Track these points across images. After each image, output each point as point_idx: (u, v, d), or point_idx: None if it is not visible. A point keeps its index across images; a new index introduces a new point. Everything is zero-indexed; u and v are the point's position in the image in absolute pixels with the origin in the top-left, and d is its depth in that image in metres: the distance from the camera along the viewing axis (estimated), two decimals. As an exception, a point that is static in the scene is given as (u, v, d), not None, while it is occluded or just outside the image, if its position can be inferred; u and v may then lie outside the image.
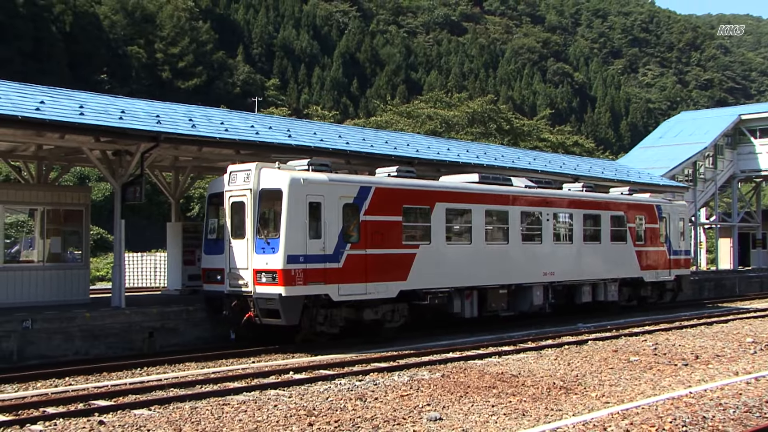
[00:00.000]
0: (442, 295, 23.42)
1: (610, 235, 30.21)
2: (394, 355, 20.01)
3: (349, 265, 20.78)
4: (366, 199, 21.50)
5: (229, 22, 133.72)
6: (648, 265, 32.08)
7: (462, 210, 24.70)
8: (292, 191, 19.79)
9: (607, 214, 30.21)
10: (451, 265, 23.81)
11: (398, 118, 73.46)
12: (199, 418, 13.11)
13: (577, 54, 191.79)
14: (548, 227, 27.48)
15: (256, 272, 19.93)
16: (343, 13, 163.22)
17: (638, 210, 31.91)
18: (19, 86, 22.32)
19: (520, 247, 26.30)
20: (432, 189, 23.90)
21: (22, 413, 13.52)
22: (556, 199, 28.18)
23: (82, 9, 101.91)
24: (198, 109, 27.38)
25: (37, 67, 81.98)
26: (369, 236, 21.43)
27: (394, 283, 22.02)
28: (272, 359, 19.36)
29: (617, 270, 30.69)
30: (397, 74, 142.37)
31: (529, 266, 26.58)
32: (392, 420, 12.90)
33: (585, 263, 29.04)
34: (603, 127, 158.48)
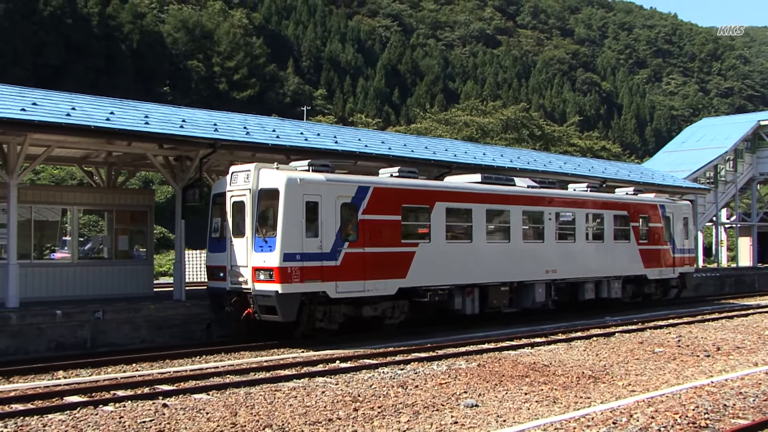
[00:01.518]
0: (442, 293, 22.58)
1: (613, 234, 29.21)
2: (433, 345, 19.98)
3: (347, 263, 20.06)
4: (364, 198, 20.74)
5: (280, 38, 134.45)
6: (651, 263, 30.98)
7: (462, 209, 23.77)
8: (289, 191, 19.17)
9: (610, 214, 29.21)
10: (452, 263, 22.95)
11: (437, 125, 73.34)
12: (253, 402, 13.19)
13: (605, 64, 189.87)
14: (550, 226, 26.45)
15: (255, 270, 19.35)
16: (386, 27, 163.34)
17: (642, 209, 30.88)
18: (91, 99, 22.67)
19: (521, 246, 25.34)
20: (432, 189, 23.03)
21: (95, 395, 13.75)
22: (558, 198, 27.24)
23: (148, 28, 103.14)
24: (252, 117, 27.57)
25: (108, 81, 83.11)
26: (367, 235, 20.68)
27: (393, 280, 21.22)
28: (320, 349, 19.41)
29: (620, 268, 29.57)
30: (435, 84, 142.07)
31: (531, 264, 25.60)
32: (431, 406, 12.89)
33: (588, 261, 28.03)
34: (629, 133, 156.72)
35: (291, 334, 20.16)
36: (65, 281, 22.85)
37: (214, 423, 11.64)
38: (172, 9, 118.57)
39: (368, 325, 21.63)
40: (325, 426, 11.53)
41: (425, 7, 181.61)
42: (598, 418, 11.80)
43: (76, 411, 12.53)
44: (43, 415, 12.23)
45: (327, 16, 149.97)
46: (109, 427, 11.38)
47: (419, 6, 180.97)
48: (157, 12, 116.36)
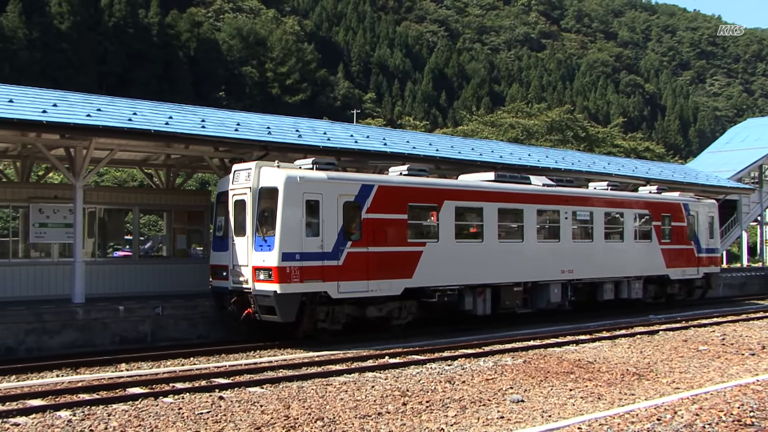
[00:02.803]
0: (452, 293, 21.40)
1: (633, 234, 27.61)
2: (480, 342, 19.88)
3: (350, 262, 19.06)
4: (368, 197, 19.72)
5: (330, 44, 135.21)
6: (674, 263, 29.24)
7: (473, 208, 22.57)
8: (288, 189, 18.23)
9: (630, 213, 27.65)
10: (462, 263, 21.71)
11: (483, 127, 73.02)
12: (305, 396, 13.26)
13: (648, 66, 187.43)
14: (567, 225, 25.01)
15: (255, 269, 18.47)
16: (433, 33, 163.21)
17: (664, 209, 29.15)
18: (152, 104, 23.02)
19: (535, 245, 24.00)
20: (439, 187, 21.79)
21: (155, 387, 13.94)
22: (575, 197, 25.73)
23: (205, 36, 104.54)
24: (303, 121, 27.71)
25: (167, 87, 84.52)
26: (371, 234, 19.65)
27: (398, 280, 20.13)
28: (370, 345, 19.42)
29: (641, 268, 27.90)
30: (481, 87, 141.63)
31: (546, 264, 24.19)
32: (478, 401, 12.82)
33: (606, 261, 26.45)
34: (672, 134, 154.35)
35: (293, 334, 19.21)
36: (127, 278, 23.23)
37: (268, 415, 11.72)
38: (227, 17, 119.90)
39: (374, 325, 20.62)
40: (375, 419, 11.55)
41: (471, 12, 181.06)
42: (643, 414, 11.62)
43: (138, 402, 12.74)
44: (108, 404, 12.46)
45: (376, 22, 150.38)
46: (168, 418, 11.54)
47: (465, 11, 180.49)
48: (214, 20, 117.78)
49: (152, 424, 11.19)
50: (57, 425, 11.13)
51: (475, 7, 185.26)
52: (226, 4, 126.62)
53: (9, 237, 22.52)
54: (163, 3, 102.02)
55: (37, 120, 18.30)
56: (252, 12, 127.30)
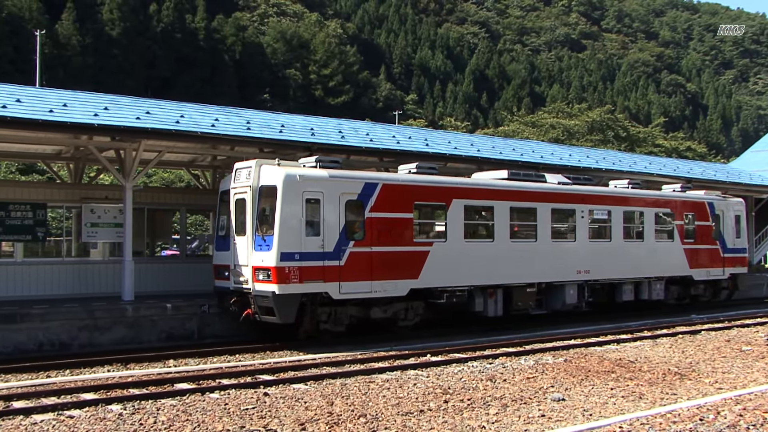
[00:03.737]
0: (461, 294, 20.51)
1: (654, 233, 26.34)
2: (521, 341, 19.75)
3: (353, 262, 18.32)
4: (372, 195, 18.92)
5: (372, 46, 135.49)
6: (698, 264, 27.77)
7: (483, 207, 21.68)
8: (287, 188, 17.56)
9: (651, 212, 26.33)
10: (471, 263, 20.80)
11: (524, 128, 72.59)
12: (348, 393, 13.29)
13: (690, 66, 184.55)
14: (583, 224, 23.90)
15: (255, 269, 17.85)
16: (474, 34, 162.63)
17: (687, 207, 27.75)
18: (198, 107, 23.29)
19: (550, 245, 22.91)
20: (448, 185, 20.83)
21: (202, 383, 14.09)
22: (592, 195, 24.52)
23: (250, 39, 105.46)
24: (346, 122, 27.81)
25: (213, 90, 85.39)
26: (375, 233, 18.86)
27: (403, 281, 19.31)
28: (411, 344, 19.40)
29: (663, 268, 26.56)
30: (522, 88, 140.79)
31: (561, 264, 23.11)
32: (519, 399, 12.74)
33: (625, 261, 25.18)
34: (715, 133, 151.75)
35: (295, 335, 18.65)
36: (174, 277, 23.49)
37: (312, 412, 11.77)
38: (271, 21, 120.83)
39: (380, 327, 19.98)
40: (417, 416, 11.53)
41: (512, 14, 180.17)
42: (685, 414, 11.44)
43: (185, 397, 12.88)
44: (157, 399, 12.63)
45: (417, 25, 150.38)
46: (215, 413, 11.66)
47: (506, 13, 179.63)
48: (258, 24, 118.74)
49: (199, 419, 11.31)
50: (109, 418, 11.31)
51: (516, 8, 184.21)
52: (270, 9, 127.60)
53: (63, 236, 22.95)
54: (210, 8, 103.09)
55: (89, 123, 18.68)
56: (295, 16, 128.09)
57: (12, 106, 18.08)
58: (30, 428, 10.78)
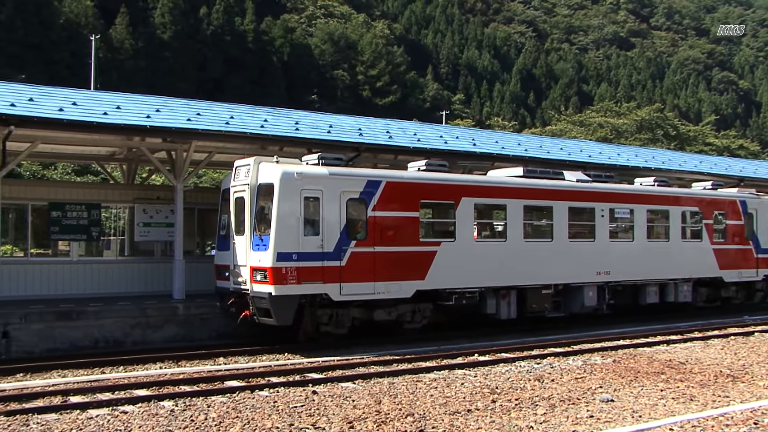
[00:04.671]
0: (471, 295, 19.68)
1: (680, 233, 25.06)
2: (569, 341, 19.56)
3: (354, 263, 17.60)
4: (375, 193, 18.15)
5: (419, 46, 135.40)
6: (729, 264, 26.27)
7: (495, 205, 20.97)
8: (284, 186, 16.93)
9: (677, 210, 25.04)
10: (482, 264, 19.92)
11: (571, 127, 71.95)
12: (395, 392, 13.30)
13: (742, 62, 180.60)
14: (603, 223, 22.79)
15: (253, 270, 17.27)
16: (521, 34, 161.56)
17: (717, 206, 26.35)
18: (248, 108, 23.51)
19: (567, 245, 21.91)
20: (457, 183, 20.00)
21: (251, 381, 14.24)
22: (612, 193, 23.38)
23: (298, 41, 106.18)
24: (394, 122, 27.80)
25: (262, 91, 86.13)
26: (378, 233, 18.10)
27: (409, 282, 18.51)
28: (457, 343, 19.33)
29: (690, 269, 25.26)
30: (569, 87, 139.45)
31: (579, 265, 22.08)
32: (567, 400, 12.62)
33: (649, 262, 23.91)
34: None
35: (294, 338, 18.17)
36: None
37: (360, 410, 11.81)
38: (319, 23, 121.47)
39: (385, 329, 19.34)
40: (464, 416, 11.50)
41: (559, 12, 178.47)
42: (738, 417, 11.22)
43: (235, 394, 13.03)
44: (207, 396, 12.79)
45: (464, 25, 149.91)
46: (264, 411, 11.76)
47: (553, 12, 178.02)
48: (306, 26, 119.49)
49: (249, 416, 11.42)
50: (161, 414, 11.48)
51: (563, 7, 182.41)
52: (318, 10, 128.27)
53: (116, 236, 23.35)
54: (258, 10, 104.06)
55: (142, 125, 19.02)
56: (343, 17, 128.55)
57: (68, 109, 18.47)
58: (86, 423, 11.00)
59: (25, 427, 10.78)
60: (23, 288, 20.56)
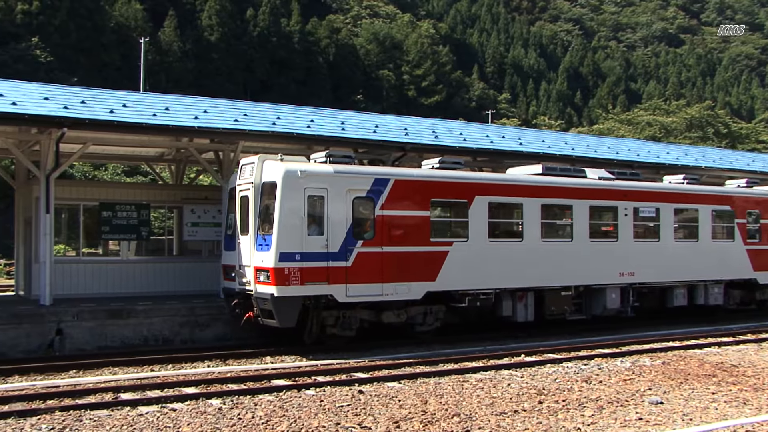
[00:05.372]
0: (485, 297, 19.04)
1: (711, 232, 23.92)
2: (616, 342, 19.31)
3: (361, 263, 17.08)
4: (383, 192, 17.57)
5: (465, 45, 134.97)
6: (764, 266, 24.99)
7: (510, 204, 20.07)
8: (287, 184, 16.45)
9: (706, 209, 23.86)
10: (497, 265, 19.22)
11: (619, 126, 71.13)
12: (442, 392, 13.27)
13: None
14: (626, 223, 21.85)
15: (256, 270, 16.86)
16: (567, 32, 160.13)
17: (750, 204, 25.06)
18: (294, 108, 23.69)
19: (588, 245, 21.03)
20: (469, 181, 19.27)
21: (298, 380, 14.32)
22: (637, 191, 22.32)
23: (343, 41, 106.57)
24: (439, 122, 27.77)
25: (308, 91, 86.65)
26: (386, 232, 17.53)
27: (418, 283, 17.90)
28: (504, 344, 19.21)
29: (721, 271, 24.02)
30: (617, 85, 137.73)
31: (601, 266, 21.21)
32: (615, 401, 12.47)
33: (676, 263, 22.88)
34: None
35: (299, 340, 17.69)
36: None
37: (406, 410, 11.80)
38: (364, 23, 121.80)
39: (396, 332, 18.91)
40: (511, 417, 11.42)
41: (606, 9, 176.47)
42: (792, 421, 10.98)
43: (282, 393, 13.11)
44: (254, 395, 12.90)
45: (510, 23, 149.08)
46: (311, 410, 11.82)
47: (600, 9, 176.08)
48: (351, 26, 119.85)
49: (295, 414, 11.49)
50: (209, 412, 11.61)
51: (611, 4, 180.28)
52: (363, 11, 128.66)
53: (164, 235, 23.70)
54: (304, 12, 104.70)
55: (190, 126, 19.29)
56: (388, 17, 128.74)
57: (119, 111, 18.81)
58: (136, 419, 11.17)
59: (78, 422, 10.99)
60: (75, 286, 20.99)
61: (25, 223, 22.43)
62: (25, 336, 16.99)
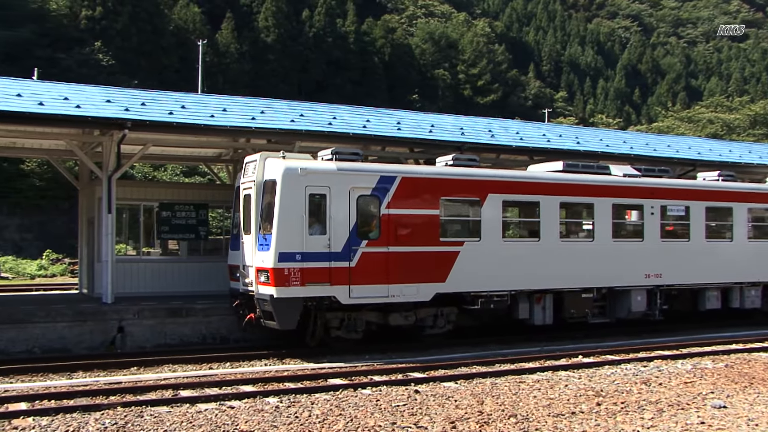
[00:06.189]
0: (499, 299, 18.41)
1: (747, 232, 22.84)
2: (677, 344, 18.96)
3: (365, 264, 16.60)
4: (389, 190, 17.07)
5: (521, 44, 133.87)
6: None
7: (526, 202, 19.44)
8: (287, 182, 16.05)
9: (742, 207, 22.73)
10: (512, 265, 18.61)
11: (679, 123, 69.88)
12: (498, 392, 13.20)
13: None
14: (653, 222, 20.91)
15: (258, 270, 16.51)
16: (625, 28, 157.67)
17: None
18: (350, 108, 23.83)
19: (610, 245, 20.23)
20: (482, 179, 18.60)
21: (354, 379, 14.41)
22: (664, 189, 21.36)
23: (398, 41, 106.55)
24: (496, 121, 27.64)
25: (363, 91, 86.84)
26: (393, 232, 17.02)
27: (427, 284, 17.38)
28: (562, 344, 19.00)
29: (759, 272, 22.88)
30: (677, 82, 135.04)
31: (625, 267, 20.36)
32: (676, 404, 12.24)
33: (708, 264, 21.84)
34: None
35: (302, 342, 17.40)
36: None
37: (462, 410, 11.77)
38: (420, 23, 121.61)
39: (406, 334, 18.50)
40: (569, 419, 11.30)
41: (666, 5, 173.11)
42: None
43: (338, 392, 13.20)
44: (311, 393, 13.01)
45: (566, 21, 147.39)
46: (367, 409, 11.86)
47: (660, 5, 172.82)
48: (407, 26, 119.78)
49: (352, 413, 11.55)
50: (266, 410, 11.74)
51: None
52: (418, 10, 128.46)
53: (222, 235, 24.01)
54: (359, 12, 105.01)
55: (247, 126, 19.56)
56: (443, 16, 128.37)
57: (178, 113, 19.14)
58: (195, 416, 11.36)
59: (140, 418, 11.22)
60: (136, 285, 21.41)
61: (88, 223, 22.97)
62: (88, 333, 17.44)
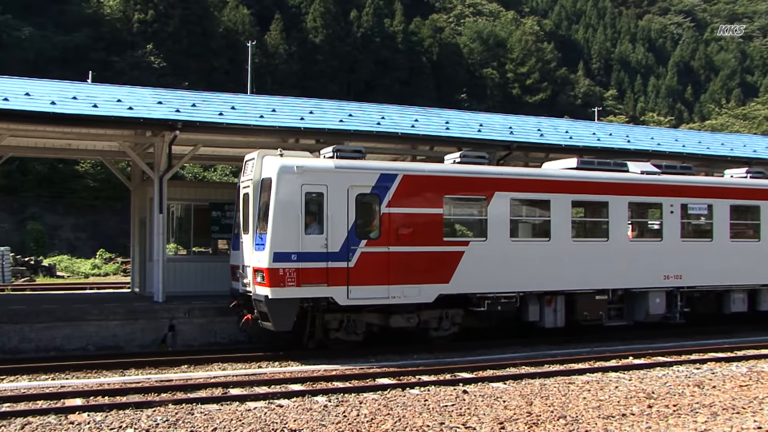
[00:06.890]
0: (507, 301, 17.83)
1: None
2: (732, 346, 18.59)
3: (364, 264, 16.18)
4: (390, 188, 16.62)
5: (570, 42, 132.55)
6: None
7: (535, 200, 18.74)
8: (282, 180, 15.68)
9: None
10: (520, 266, 18.00)
11: (733, 121, 68.67)
12: (547, 393, 13.09)
13: None
14: (672, 221, 20.03)
15: (254, 270, 16.20)
16: (677, 24, 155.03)
17: None
18: (398, 108, 23.87)
19: (626, 245, 19.55)
20: (488, 176, 17.98)
21: (402, 379, 14.43)
22: (684, 187, 20.42)
23: (446, 41, 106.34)
24: (545, 120, 27.42)
25: (411, 91, 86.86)
26: (393, 231, 16.55)
27: (429, 285, 16.87)
28: (612, 345, 18.76)
29: None
30: (731, 79, 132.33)
31: (642, 268, 19.53)
32: (731, 408, 11.99)
33: (733, 265, 20.82)
34: None
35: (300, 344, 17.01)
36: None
37: (511, 411, 11.69)
38: (468, 21, 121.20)
39: (410, 337, 18.06)
40: (619, 420, 11.16)
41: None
42: None
43: (386, 392, 13.22)
44: (359, 393, 13.05)
45: (616, 18, 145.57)
46: (415, 409, 11.86)
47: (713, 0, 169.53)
48: (455, 25, 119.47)
49: (400, 413, 11.55)
50: (315, 409, 11.81)
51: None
52: (466, 9, 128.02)
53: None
54: (407, 12, 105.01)
55: (296, 127, 19.71)
56: (492, 15, 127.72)
57: (227, 113, 19.37)
58: (245, 414, 11.47)
59: (190, 415, 11.37)
60: (186, 284, 21.70)
61: (140, 222, 23.35)
62: (140, 331, 17.74)
